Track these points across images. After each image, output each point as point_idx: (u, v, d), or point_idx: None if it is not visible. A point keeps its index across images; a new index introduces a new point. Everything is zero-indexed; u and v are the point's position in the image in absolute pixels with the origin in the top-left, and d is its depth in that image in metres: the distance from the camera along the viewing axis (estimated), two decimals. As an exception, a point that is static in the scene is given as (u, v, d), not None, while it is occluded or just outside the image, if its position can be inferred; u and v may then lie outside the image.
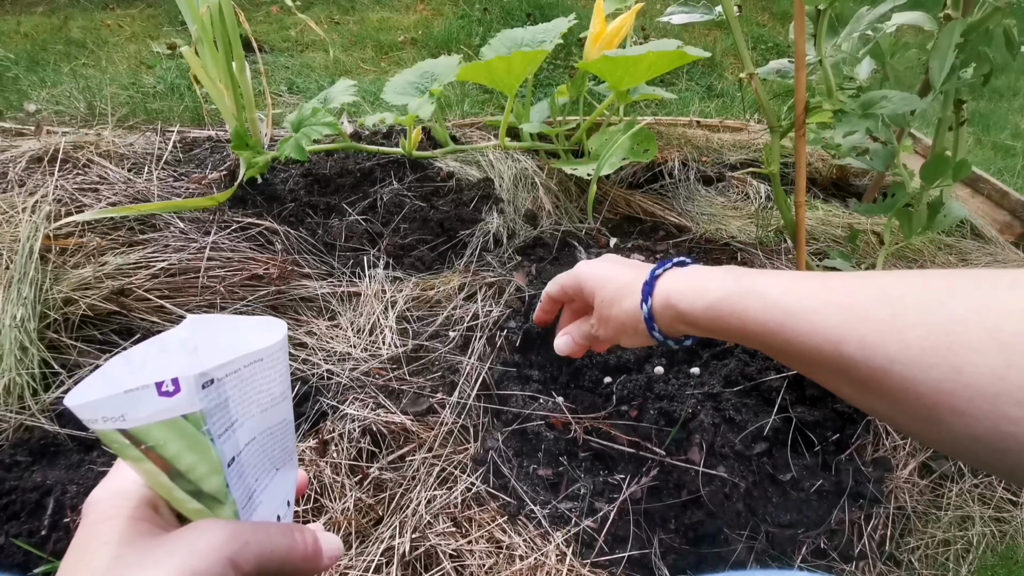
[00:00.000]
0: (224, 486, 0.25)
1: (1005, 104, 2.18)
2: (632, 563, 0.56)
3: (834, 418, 0.70)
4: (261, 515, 0.27)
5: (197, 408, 0.22)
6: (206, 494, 0.24)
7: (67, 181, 0.87)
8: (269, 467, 0.28)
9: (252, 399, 0.26)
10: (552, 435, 0.63)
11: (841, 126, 0.73)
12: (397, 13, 2.55)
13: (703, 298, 0.39)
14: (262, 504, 0.27)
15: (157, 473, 0.23)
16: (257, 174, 0.94)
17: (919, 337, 0.27)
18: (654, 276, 0.44)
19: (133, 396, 0.21)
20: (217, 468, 0.24)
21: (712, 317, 0.39)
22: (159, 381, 0.21)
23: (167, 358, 0.24)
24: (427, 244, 0.90)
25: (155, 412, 0.22)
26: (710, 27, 2.53)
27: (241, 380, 0.24)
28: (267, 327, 0.27)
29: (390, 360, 0.70)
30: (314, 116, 0.89)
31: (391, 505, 0.57)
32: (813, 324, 0.31)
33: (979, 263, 0.94)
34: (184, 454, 0.23)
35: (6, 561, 0.51)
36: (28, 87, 1.48)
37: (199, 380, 0.22)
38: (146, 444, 0.22)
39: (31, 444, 0.60)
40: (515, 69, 0.91)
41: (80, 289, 0.71)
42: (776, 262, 0.92)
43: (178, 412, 0.22)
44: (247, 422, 0.26)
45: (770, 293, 0.35)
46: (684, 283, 0.42)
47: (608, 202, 1.06)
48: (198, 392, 0.22)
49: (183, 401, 0.22)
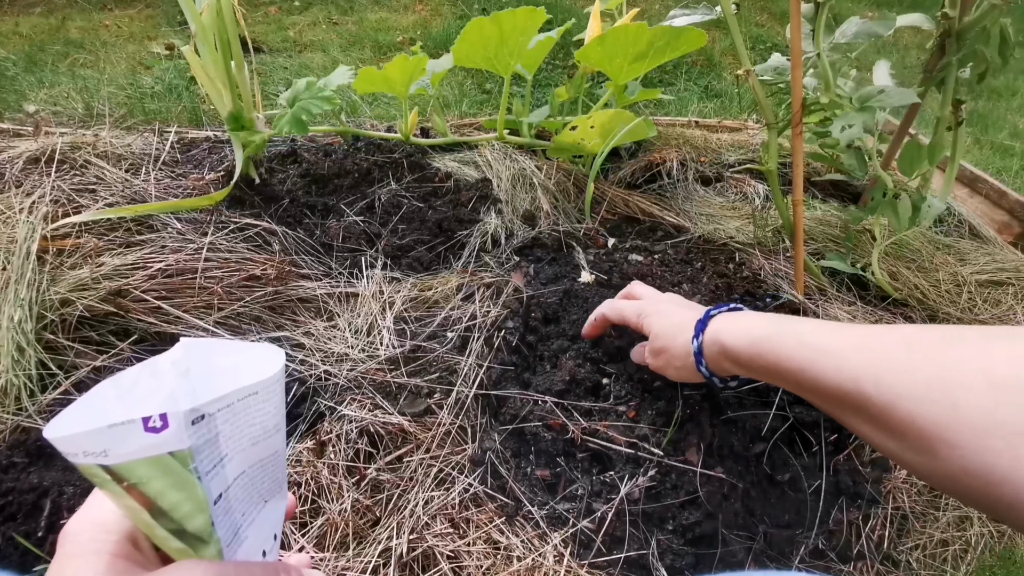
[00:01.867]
0: (209, 525, 0.23)
1: (1004, 104, 2.19)
2: (630, 564, 0.56)
3: (832, 419, 0.70)
4: (246, 551, 0.26)
5: (185, 446, 0.21)
6: (189, 533, 0.23)
7: (64, 182, 0.87)
8: (258, 500, 0.27)
9: (244, 432, 0.24)
10: (550, 436, 0.63)
11: (839, 120, 0.73)
12: (395, 13, 2.55)
13: (747, 335, 0.43)
14: (247, 540, 0.26)
15: (139, 510, 0.22)
16: (255, 152, 0.92)
17: (926, 376, 0.29)
18: (708, 315, 0.49)
19: (117, 431, 0.20)
20: (202, 507, 0.23)
21: (752, 355, 0.42)
22: (146, 416, 0.20)
23: (157, 382, 0.22)
24: (425, 245, 0.90)
25: (139, 448, 0.21)
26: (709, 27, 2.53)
27: (234, 414, 0.23)
28: (264, 354, 0.25)
29: (388, 361, 0.70)
30: (309, 90, 0.87)
31: (389, 506, 0.57)
32: (839, 363, 0.34)
33: (977, 262, 0.94)
34: (168, 492, 0.22)
35: (3, 562, 0.51)
36: (26, 87, 1.48)
37: (188, 416, 0.21)
38: (128, 481, 0.21)
39: (28, 445, 0.60)
40: (509, 38, 0.90)
41: (77, 290, 0.71)
42: (774, 262, 0.92)
43: (164, 449, 0.21)
44: (237, 456, 0.24)
45: (805, 334, 0.38)
46: (733, 323, 0.46)
47: (606, 202, 1.06)
48: (187, 428, 0.21)
49: (170, 438, 0.21)
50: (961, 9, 0.77)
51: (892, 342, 0.32)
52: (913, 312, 0.85)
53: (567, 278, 0.84)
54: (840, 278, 0.91)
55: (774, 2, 2.97)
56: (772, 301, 0.69)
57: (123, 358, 0.69)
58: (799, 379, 0.37)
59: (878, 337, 0.34)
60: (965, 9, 0.77)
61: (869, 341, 0.33)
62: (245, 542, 0.26)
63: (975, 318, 0.84)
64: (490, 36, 0.90)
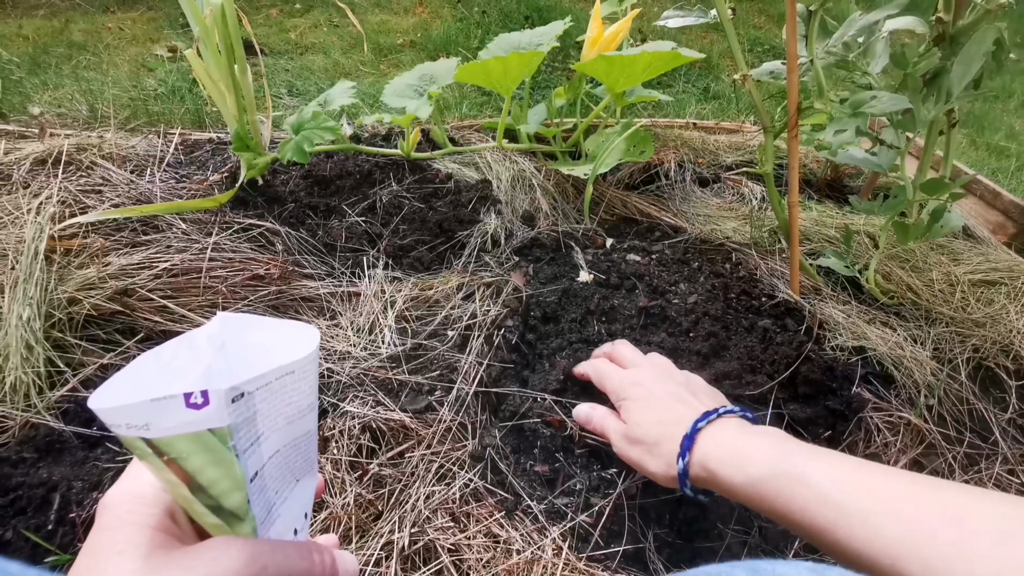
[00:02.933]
0: (245, 503, 0.24)
1: (999, 106, 2.20)
2: (627, 557, 0.57)
3: (826, 415, 0.71)
4: (279, 529, 0.27)
5: (225, 423, 0.22)
6: (226, 510, 0.24)
7: (71, 183, 0.88)
8: (290, 479, 0.27)
9: (280, 411, 0.25)
10: (548, 432, 0.65)
11: (831, 125, 0.74)
12: (396, 16, 2.56)
13: (743, 471, 0.37)
14: (280, 518, 0.27)
15: (178, 484, 0.23)
16: (258, 175, 0.95)
17: (990, 571, 0.25)
18: (696, 428, 0.43)
19: (159, 405, 0.20)
20: (240, 484, 0.23)
21: (751, 495, 0.36)
22: (187, 392, 0.20)
23: (194, 356, 0.23)
24: (426, 245, 0.92)
25: (181, 424, 0.21)
26: (706, 30, 2.54)
27: (271, 393, 0.24)
28: (299, 333, 0.26)
29: (389, 359, 0.71)
30: (315, 120, 0.90)
31: (391, 500, 0.58)
32: (870, 531, 0.29)
33: (970, 262, 0.96)
34: (207, 468, 0.22)
35: (14, 555, 0.52)
36: (31, 89, 1.49)
37: (229, 394, 0.21)
38: (168, 455, 0.22)
39: (37, 441, 0.61)
40: (511, 70, 0.93)
41: (84, 289, 0.72)
42: (770, 262, 0.93)
43: (205, 426, 0.21)
44: (272, 435, 0.25)
45: (820, 483, 0.32)
46: (725, 449, 0.40)
47: (605, 203, 1.07)
48: (227, 406, 0.21)
49: (211, 415, 0.21)
50: (955, 13, 0.78)
51: (935, 515, 0.27)
52: (907, 312, 0.87)
53: (566, 278, 0.85)
54: (835, 278, 0.92)
55: (771, 4, 2.98)
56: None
57: (129, 356, 0.71)
58: (816, 538, 0.32)
59: (915, 505, 0.28)
60: (959, 13, 0.78)
61: (905, 509, 0.28)
62: (278, 520, 0.27)
63: (968, 317, 0.85)
64: (494, 70, 0.91)
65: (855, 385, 0.74)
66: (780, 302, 0.84)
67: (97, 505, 0.24)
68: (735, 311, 0.82)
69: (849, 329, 0.81)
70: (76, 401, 0.65)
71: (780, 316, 0.83)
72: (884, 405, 0.74)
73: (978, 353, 0.81)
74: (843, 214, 1.08)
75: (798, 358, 0.72)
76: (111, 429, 0.21)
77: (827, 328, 0.82)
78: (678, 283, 0.85)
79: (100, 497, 0.55)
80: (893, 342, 0.80)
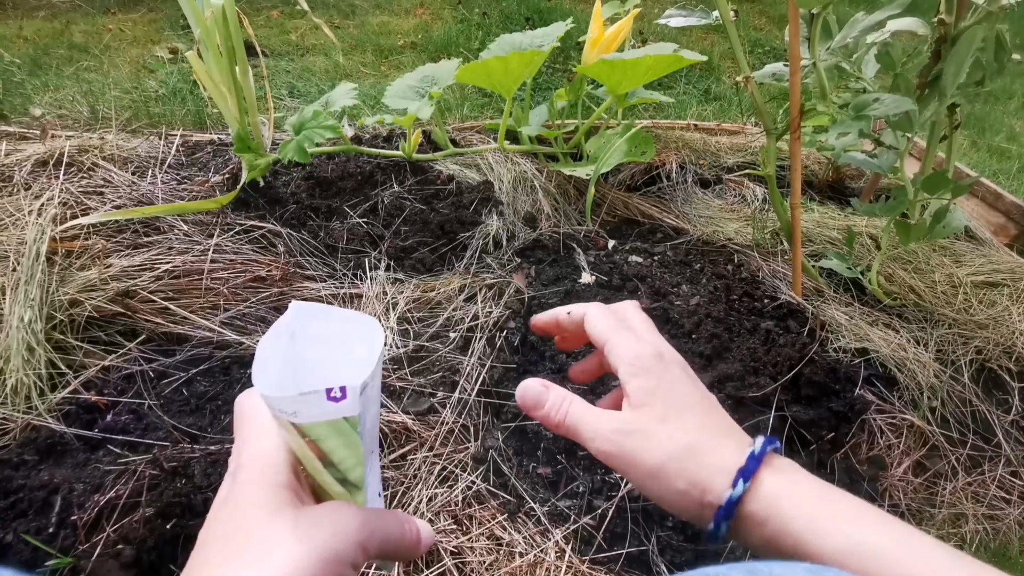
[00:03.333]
0: (364, 476, 0.28)
1: (1000, 107, 2.20)
2: (630, 560, 0.57)
3: (829, 417, 0.71)
4: (371, 498, 0.31)
5: (356, 412, 0.26)
6: (350, 482, 0.28)
7: (72, 184, 0.88)
8: (371, 452, 0.31)
9: (374, 395, 0.29)
10: (551, 434, 0.64)
11: (835, 127, 0.74)
12: (397, 17, 2.56)
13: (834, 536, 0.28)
14: (370, 486, 0.31)
15: (313, 459, 0.27)
16: (259, 176, 0.95)
17: None
18: (763, 452, 0.31)
19: (306, 398, 0.25)
20: (361, 461, 0.28)
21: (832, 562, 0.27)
22: (328, 388, 0.25)
23: (276, 344, 0.27)
24: (428, 246, 0.92)
25: (322, 412, 0.25)
26: (708, 31, 2.54)
27: (374, 379, 0.28)
28: (362, 322, 0.30)
29: (392, 361, 0.71)
30: (316, 119, 0.90)
31: (393, 503, 0.58)
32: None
33: (973, 264, 0.96)
34: (339, 449, 0.27)
35: (15, 558, 0.52)
36: (32, 91, 1.49)
37: (359, 389, 0.25)
38: (309, 437, 0.26)
39: (38, 443, 0.61)
40: (513, 70, 0.92)
41: (86, 291, 0.72)
42: (772, 263, 0.93)
43: (341, 415, 0.26)
44: (370, 415, 0.29)
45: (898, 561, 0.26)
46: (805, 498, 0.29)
47: (606, 205, 1.07)
48: (359, 398, 0.25)
49: (348, 406, 0.25)
50: (957, 15, 0.78)
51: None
52: (909, 314, 0.86)
53: (568, 279, 0.85)
54: (838, 280, 0.92)
55: (772, 6, 2.98)
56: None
57: (131, 358, 0.70)
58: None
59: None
60: (961, 15, 0.78)
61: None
62: (370, 488, 0.31)
63: (970, 318, 0.85)
64: (495, 70, 0.91)
65: (858, 387, 0.74)
66: (782, 304, 0.84)
67: (230, 459, 0.29)
68: (737, 313, 0.82)
69: (852, 331, 0.81)
70: (77, 403, 0.65)
71: (782, 318, 0.82)
72: (887, 407, 0.74)
73: (981, 355, 0.81)
74: (845, 215, 1.07)
75: (801, 360, 0.72)
76: (272, 411, 0.26)
77: (830, 330, 0.82)
78: (680, 285, 0.85)
79: (101, 499, 0.54)
80: (896, 344, 0.80)
